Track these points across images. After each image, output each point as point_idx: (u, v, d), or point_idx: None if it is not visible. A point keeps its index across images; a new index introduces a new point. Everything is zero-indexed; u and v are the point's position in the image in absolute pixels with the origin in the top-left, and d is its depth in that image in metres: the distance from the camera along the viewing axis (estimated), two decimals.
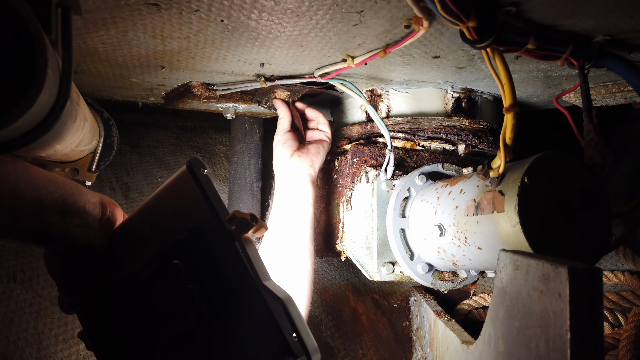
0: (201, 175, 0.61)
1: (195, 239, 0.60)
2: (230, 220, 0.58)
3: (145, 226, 0.69)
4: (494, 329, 0.71)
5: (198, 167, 0.61)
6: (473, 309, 1.51)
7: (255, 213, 1.56)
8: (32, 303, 1.20)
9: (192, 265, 0.60)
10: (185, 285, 0.60)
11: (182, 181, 0.62)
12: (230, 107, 1.37)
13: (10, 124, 0.44)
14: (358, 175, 1.26)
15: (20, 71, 0.51)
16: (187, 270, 0.61)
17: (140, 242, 0.69)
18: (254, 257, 0.58)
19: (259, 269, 0.57)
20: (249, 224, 0.57)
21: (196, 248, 0.60)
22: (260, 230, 0.59)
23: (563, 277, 0.50)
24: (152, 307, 0.63)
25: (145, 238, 0.68)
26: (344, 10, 0.80)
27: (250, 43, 0.95)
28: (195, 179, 0.60)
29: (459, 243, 0.98)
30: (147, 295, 0.64)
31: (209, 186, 0.61)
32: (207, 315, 0.60)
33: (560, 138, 1.30)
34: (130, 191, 1.58)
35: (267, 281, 0.57)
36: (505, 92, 0.84)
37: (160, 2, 0.77)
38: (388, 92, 1.30)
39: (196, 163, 0.62)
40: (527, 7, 0.78)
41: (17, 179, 0.66)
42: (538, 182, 0.83)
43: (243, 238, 0.58)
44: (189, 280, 0.60)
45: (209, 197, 0.59)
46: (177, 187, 0.64)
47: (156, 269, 0.63)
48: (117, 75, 1.16)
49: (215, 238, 0.59)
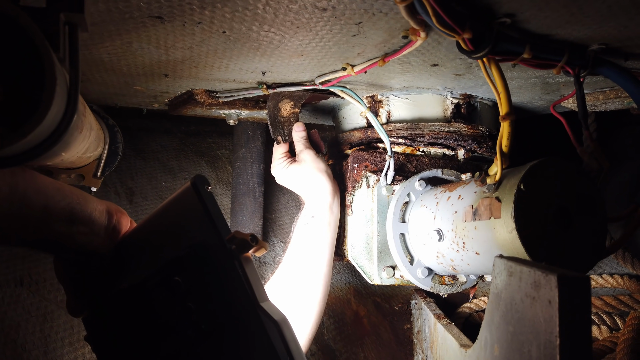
0: (205, 192, 0.62)
1: (196, 255, 0.61)
2: (230, 240, 0.59)
3: (150, 238, 0.71)
4: (489, 334, 0.73)
5: (202, 184, 0.62)
6: (473, 312, 1.53)
7: (258, 217, 1.58)
8: (38, 307, 1.23)
9: (192, 282, 0.62)
10: (184, 302, 0.61)
11: (187, 197, 0.64)
12: (233, 113, 1.39)
13: (21, 140, 0.46)
14: (359, 180, 1.27)
15: (29, 87, 0.53)
16: (186, 287, 0.62)
17: (144, 253, 0.71)
18: (252, 277, 0.58)
19: (257, 289, 0.58)
20: (249, 244, 0.58)
21: (196, 265, 0.61)
22: (260, 250, 0.59)
23: (553, 285, 0.52)
24: (154, 318, 0.65)
25: (149, 250, 0.70)
26: (342, 21, 0.82)
27: (251, 53, 0.97)
28: (199, 196, 0.61)
29: (457, 248, 0.99)
30: (149, 306, 0.65)
31: (212, 204, 0.62)
32: (205, 332, 0.61)
33: (559, 143, 1.31)
34: (134, 196, 1.60)
35: (263, 302, 0.58)
36: (501, 101, 0.86)
37: (164, 15, 0.79)
38: (388, 98, 1.32)
39: (200, 180, 0.63)
40: (521, 18, 0.80)
41: (26, 188, 0.68)
42: (534, 189, 0.84)
43: (242, 257, 0.59)
44: (188, 297, 0.62)
45: (211, 214, 0.60)
46: (182, 203, 0.65)
47: (158, 282, 0.64)
48: (122, 83, 1.18)
49: (216, 256, 0.60)
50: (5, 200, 0.63)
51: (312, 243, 1.22)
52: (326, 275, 1.22)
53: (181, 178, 1.72)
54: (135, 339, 0.68)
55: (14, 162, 0.53)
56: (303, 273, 1.21)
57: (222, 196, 1.75)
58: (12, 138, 0.47)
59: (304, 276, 1.21)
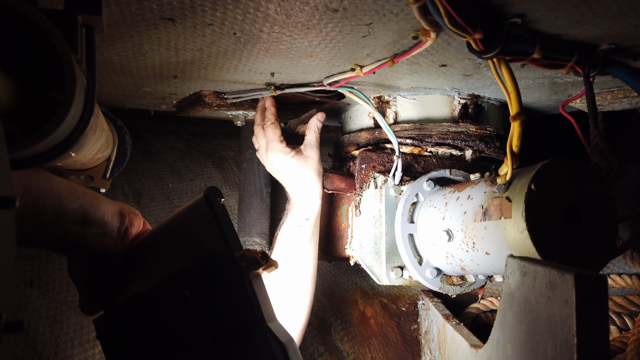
0: (217, 205, 0.62)
1: (205, 269, 0.61)
2: (240, 256, 0.59)
3: (162, 246, 0.71)
4: (502, 334, 0.73)
5: (215, 197, 0.62)
6: (481, 312, 1.53)
7: (265, 218, 1.59)
8: (48, 308, 1.23)
9: (201, 296, 0.61)
10: (192, 316, 0.61)
11: (199, 208, 0.63)
12: (241, 114, 1.39)
13: (40, 142, 0.47)
14: (366, 181, 1.28)
15: (44, 86, 0.54)
16: (195, 301, 0.61)
17: (155, 260, 0.71)
18: (261, 295, 0.58)
19: (265, 308, 0.58)
20: (259, 262, 0.58)
21: (206, 279, 0.61)
22: (270, 268, 0.59)
23: (569, 284, 0.52)
24: (162, 328, 0.65)
25: (160, 257, 0.70)
26: (353, 23, 0.82)
27: (261, 54, 0.97)
28: (211, 209, 0.61)
29: (467, 248, 0.99)
30: (158, 315, 0.65)
31: (224, 217, 0.61)
32: (211, 348, 0.61)
33: (566, 142, 1.31)
34: (142, 197, 1.61)
35: (271, 322, 0.57)
36: (511, 101, 0.86)
37: (176, 17, 0.79)
38: (395, 99, 1.32)
39: (213, 192, 0.62)
40: (532, 18, 0.80)
41: (40, 190, 0.68)
42: (545, 189, 0.84)
43: (252, 274, 0.58)
44: (196, 311, 0.61)
45: (222, 229, 0.60)
46: (194, 213, 0.65)
47: (167, 293, 0.64)
48: (131, 85, 1.18)
49: (225, 271, 0.60)
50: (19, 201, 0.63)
51: (303, 245, 1.25)
52: (313, 275, 1.28)
53: (188, 179, 1.73)
54: (143, 346, 0.69)
55: (30, 163, 0.53)
56: (298, 274, 1.25)
57: (229, 197, 1.75)
58: (31, 140, 0.48)
59: (299, 276, 1.25)
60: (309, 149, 1.27)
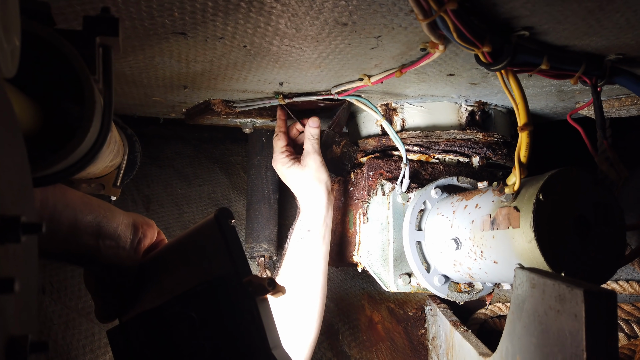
0: (227, 227, 0.62)
1: (212, 291, 0.61)
2: (247, 283, 0.59)
3: (173, 263, 0.72)
4: (511, 344, 0.74)
5: (225, 218, 0.63)
6: (488, 318, 1.53)
7: (273, 224, 1.60)
8: (60, 314, 1.25)
9: (207, 318, 0.62)
10: (198, 338, 0.62)
11: (210, 228, 0.64)
12: (249, 122, 1.41)
13: (63, 161, 0.48)
14: (374, 188, 1.28)
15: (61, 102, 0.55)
16: (201, 323, 0.62)
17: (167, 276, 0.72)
18: (267, 321, 0.58)
19: (270, 334, 0.58)
20: (266, 289, 0.58)
21: (212, 301, 0.61)
22: (277, 294, 0.59)
23: (579, 299, 0.53)
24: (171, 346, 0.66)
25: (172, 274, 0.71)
26: (362, 36, 0.83)
27: (270, 65, 0.98)
28: (221, 231, 0.62)
29: (475, 257, 1.00)
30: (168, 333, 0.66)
31: (233, 240, 0.62)
32: None
33: (572, 149, 1.32)
34: (151, 203, 1.62)
35: (276, 349, 0.57)
36: (519, 111, 0.87)
37: (187, 31, 0.81)
38: (402, 106, 1.33)
39: (224, 214, 0.63)
40: (540, 31, 0.80)
41: (56, 202, 0.70)
42: (553, 199, 0.85)
43: (259, 300, 0.58)
44: (202, 333, 0.62)
45: (231, 252, 0.60)
46: (205, 233, 0.66)
47: (176, 312, 0.65)
48: (142, 94, 1.20)
49: (232, 295, 0.60)
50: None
51: (308, 257, 1.23)
52: (322, 288, 1.24)
53: (196, 185, 1.74)
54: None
55: (50, 181, 0.54)
56: (305, 290, 1.22)
57: (237, 203, 1.76)
58: (52, 160, 0.49)
59: (306, 293, 1.22)
60: (308, 158, 1.26)
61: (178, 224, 1.61)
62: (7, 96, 0.34)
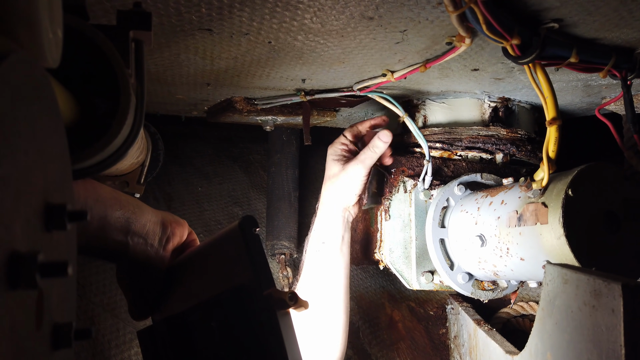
0: (251, 235, 0.61)
1: (234, 301, 0.60)
2: (268, 296, 0.57)
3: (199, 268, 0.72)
4: (541, 341, 0.73)
5: (250, 226, 0.62)
6: (512, 317, 1.51)
7: (293, 222, 1.60)
8: (85, 310, 1.26)
9: (227, 328, 0.61)
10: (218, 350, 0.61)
11: (234, 236, 0.63)
12: (270, 119, 1.41)
13: (98, 154, 0.49)
14: (396, 185, 1.28)
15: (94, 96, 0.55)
16: (221, 335, 0.61)
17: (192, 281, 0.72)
18: (287, 336, 0.56)
19: (291, 350, 0.56)
20: (287, 304, 0.57)
21: (233, 311, 0.60)
22: (299, 308, 0.58)
23: (616, 294, 0.52)
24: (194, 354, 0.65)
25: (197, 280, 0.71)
26: (387, 30, 0.83)
27: (294, 61, 0.98)
28: (245, 240, 0.61)
29: (500, 254, 0.99)
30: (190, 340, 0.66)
31: (257, 249, 0.61)
32: None
33: (598, 144, 1.29)
34: (172, 201, 1.64)
35: None
36: (547, 105, 0.85)
37: (213, 27, 0.81)
38: (424, 103, 1.32)
39: (248, 222, 0.62)
40: (570, 23, 0.79)
41: (87, 198, 0.71)
42: (582, 194, 0.84)
43: (280, 313, 0.57)
44: (222, 344, 0.61)
45: (254, 263, 0.59)
46: (229, 240, 0.65)
47: (197, 320, 0.64)
48: (165, 92, 1.21)
49: (254, 306, 0.59)
50: None
51: (329, 272, 1.17)
52: (344, 303, 1.18)
53: (216, 183, 1.75)
54: None
55: (85, 174, 0.55)
56: (320, 304, 1.16)
57: (256, 201, 1.77)
58: (88, 153, 0.49)
59: (322, 307, 1.17)
60: (354, 166, 1.15)
61: (199, 221, 1.62)
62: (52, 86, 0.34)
